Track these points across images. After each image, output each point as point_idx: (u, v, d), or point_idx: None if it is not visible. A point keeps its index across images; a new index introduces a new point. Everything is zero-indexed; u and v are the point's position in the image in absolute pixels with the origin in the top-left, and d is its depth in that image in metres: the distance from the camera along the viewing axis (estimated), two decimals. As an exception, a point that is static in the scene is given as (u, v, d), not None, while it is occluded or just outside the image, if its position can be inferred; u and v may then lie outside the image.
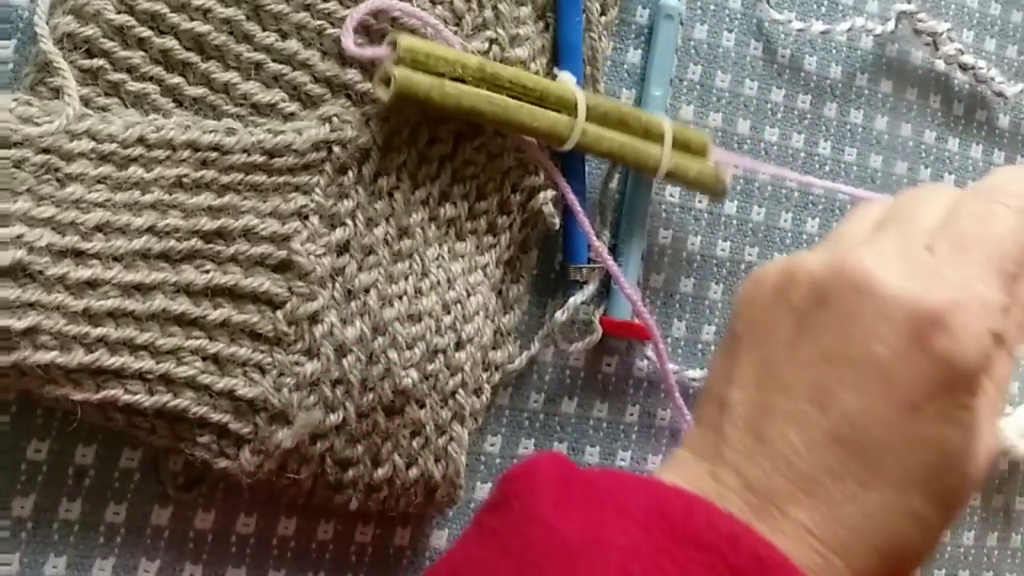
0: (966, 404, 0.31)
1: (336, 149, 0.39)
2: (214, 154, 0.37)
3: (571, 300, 0.45)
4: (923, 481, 0.31)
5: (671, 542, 0.29)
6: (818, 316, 0.33)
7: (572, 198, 0.43)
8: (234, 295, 0.38)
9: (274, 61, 0.39)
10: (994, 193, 0.34)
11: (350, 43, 0.39)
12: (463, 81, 0.39)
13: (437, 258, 0.41)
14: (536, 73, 0.43)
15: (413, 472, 0.40)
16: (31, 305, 0.35)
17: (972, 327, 0.31)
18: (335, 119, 0.39)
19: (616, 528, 0.30)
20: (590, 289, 0.45)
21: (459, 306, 0.41)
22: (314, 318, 0.38)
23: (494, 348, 0.43)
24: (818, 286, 0.33)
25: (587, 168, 0.46)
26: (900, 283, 0.32)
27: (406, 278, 0.40)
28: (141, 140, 0.37)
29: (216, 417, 0.37)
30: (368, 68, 0.40)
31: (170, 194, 0.37)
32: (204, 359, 0.37)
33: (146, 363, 0.36)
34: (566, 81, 0.43)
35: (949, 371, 0.31)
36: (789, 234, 0.51)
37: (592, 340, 0.46)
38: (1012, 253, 0.33)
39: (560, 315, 0.45)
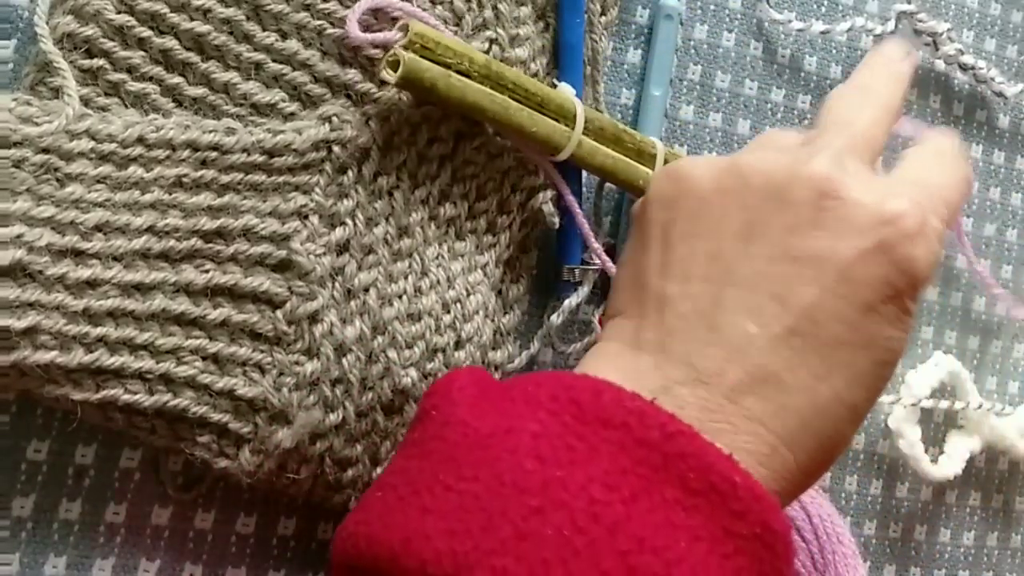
0: (910, 309, 0.33)
1: (336, 149, 0.39)
2: (214, 154, 0.37)
3: (565, 302, 0.45)
4: (869, 378, 0.33)
5: (579, 423, 0.30)
6: (776, 216, 0.33)
7: (571, 199, 0.43)
8: (234, 295, 0.38)
9: (274, 61, 0.39)
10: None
11: (355, 29, 0.38)
12: (468, 76, 0.39)
13: (437, 257, 0.41)
14: (536, 74, 0.43)
15: (413, 472, 0.40)
16: (31, 305, 0.35)
17: (931, 242, 0.33)
18: (335, 119, 0.39)
19: (527, 416, 0.31)
20: (584, 290, 0.45)
21: (459, 305, 0.41)
22: (314, 317, 0.38)
23: (494, 348, 0.43)
24: (776, 188, 0.34)
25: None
26: (865, 190, 0.33)
27: (406, 277, 0.40)
28: (141, 140, 0.37)
29: (216, 417, 0.37)
30: (368, 68, 0.40)
31: (170, 194, 0.37)
32: (204, 359, 0.37)
33: (146, 363, 0.36)
34: (566, 92, 0.43)
35: (908, 276, 0.33)
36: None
37: (590, 340, 0.46)
38: (955, 202, 0.37)
39: (555, 318, 0.45)
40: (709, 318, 0.33)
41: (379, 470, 0.40)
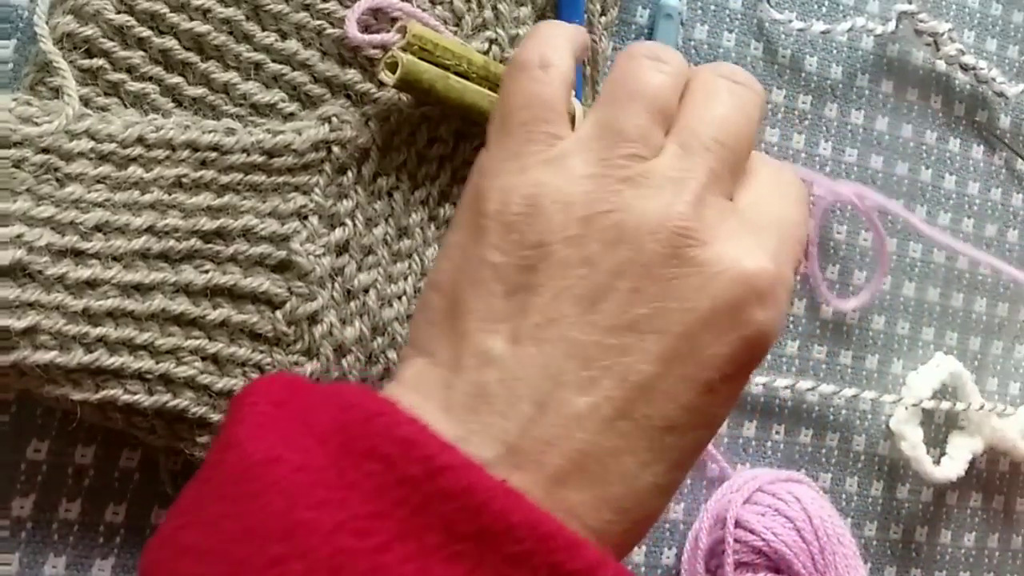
0: (744, 384, 0.31)
1: (335, 149, 0.39)
2: (213, 154, 0.37)
3: None
4: (690, 459, 0.30)
5: (343, 455, 0.27)
6: (623, 276, 0.29)
7: None
8: (233, 295, 0.38)
9: (274, 61, 0.39)
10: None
11: (354, 30, 0.38)
12: (466, 77, 0.39)
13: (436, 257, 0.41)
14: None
15: (412, 472, 0.40)
16: (30, 305, 0.35)
17: (783, 301, 0.30)
18: (334, 119, 0.39)
19: (296, 445, 0.27)
20: None
21: (458, 306, 0.41)
22: (313, 318, 0.38)
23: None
24: (628, 239, 0.29)
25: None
26: (724, 243, 0.30)
27: (405, 278, 0.40)
28: (140, 140, 0.37)
29: (216, 417, 0.37)
30: (368, 68, 0.40)
31: (169, 194, 0.37)
32: (203, 359, 0.37)
33: (145, 363, 0.36)
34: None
35: (754, 351, 0.30)
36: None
37: None
38: (799, 255, 0.33)
39: None
40: (536, 392, 0.28)
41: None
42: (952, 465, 0.53)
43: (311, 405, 0.29)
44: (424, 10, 0.40)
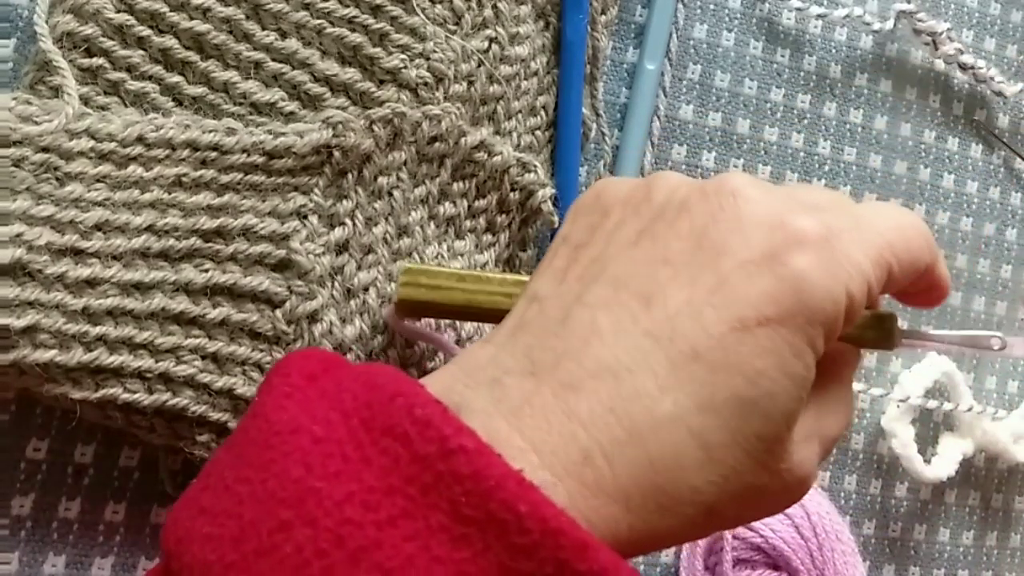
0: (798, 349, 0.28)
1: (336, 154, 0.38)
2: (213, 154, 0.37)
3: None
4: (724, 411, 0.28)
5: (364, 430, 0.27)
6: (670, 224, 0.30)
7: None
8: (233, 294, 0.38)
9: (273, 60, 0.39)
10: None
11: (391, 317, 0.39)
12: (478, 307, 0.37)
13: (436, 257, 0.41)
14: (536, 72, 0.44)
15: (412, 471, 0.40)
16: (30, 304, 0.35)
17: (830, 263, 0.28)
18: (340, 126, 0.38)
19: (320, 417, 0.28)
20: None
21: (458, 305, 0.41)
22: (313, 317, 0.38)
23: (493, 347, 0.43)
24: (679, 200, 0.30)
25: (579, 170, 0.46)
26: (769, 201, 0.29)
27: (405, 277, 0.40)
28: (140, 139, 0.37)
29: (215, 416, 0.37)
30: (367, 68, 0.40)
31: (169, 193, 0.37)
32: (203, 358, 0.37)
33: (145, 362, 0.36)
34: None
35: (792, 299, 0.28)
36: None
37: None
38: (900, 250, 0.31)
39: None
40: (564, 312, 0.29)
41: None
42: (943, 465, 0.53)
43: (342, 380, 0.29)
44: (424, 9, 0.40)
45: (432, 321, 0.40)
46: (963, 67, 0.54)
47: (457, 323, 0.41)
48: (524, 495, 0.25)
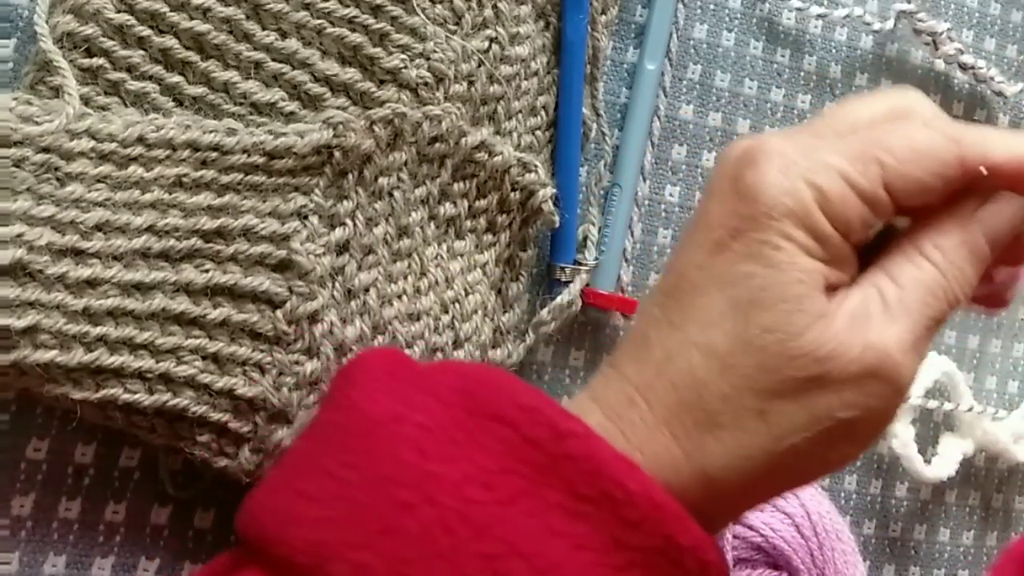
0: (774, 243, 0.30)
1: (337, 154, 0.38)
2: (214, 154, 0.37)
3: (557, 300, 0.45)
4: (729, 319, 0.30)
5: (469, 416, 0.29)
6: (705, 196, 0.33)
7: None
8: (234, 294, 0.37)
9: (273, 60, 0.39)
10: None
11: None
12: None
13: (436, 257, 0.41)
14: (536, 72, 0.44)
15: (412, 471, 0.40)
16: (31, 304, 0.35)
17: (780, 166, 0.30)
18: (340, 126, 0.38)
19: (418, 406, 0.30)
20: (575, 289, 0.45)
21: (457, 305, 0.41)
22: (314, 317, 0.38)
23: (493, 347, 0.43)
24: (714, 173, 0.33)
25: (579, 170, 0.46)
26: (759, 136, 0.32)
27: (405, 278, 0.40)
28: (141, 139, 0.37)
29: (215, 416, 0.37)
30: (367, 67, 0.40)
31: (170, 193, 0.37)
32: (204, 358, 0.37)
33: (146, 362, 0.36)
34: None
35: (750, 204, 0.30)
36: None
37: (572, 311, 0.45)
38: (896, 143, 0.31)
39: (546, 314, 0.45)
40: (643, 302, 0.34)
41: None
42: (943, 465, 0.53)
43: (424, 373, 0.32)
44: (424, 9, 0.40)
45: None
46: (963, 67, 0.54)
47: None
48: (632, 474, 0.28)
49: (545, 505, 0.28)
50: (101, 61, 0.37)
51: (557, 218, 0.45)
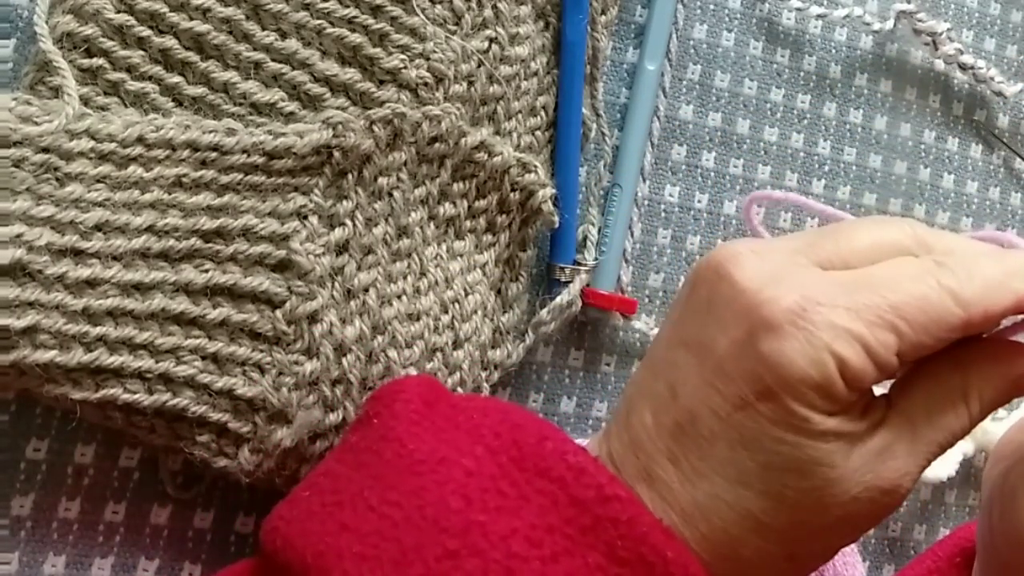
0: (802, 415, 0.30)
1: (336, 154, 0.38)
2: (214, 154, 0.37)
3: (556, 300, 0.45)
4: (760, 482, 0.30)
5: (516, 467, 0.30)
6: (689, 302, 0.32)
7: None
8: (233, 294, 0.38)
9: (273, 60, 0.39)
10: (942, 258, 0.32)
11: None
12: None
13: (435, 257, 0.41)
14: (536, 72, 0.44)
15: (412, 471, 0.40)
16: (30, 304, 0.35)
17: (804, 338, 0.29)
18: (340, 126, 0.38)
19: (465, 449, 0.31)
20: (575, 289, 0.45)
21: (457, 305, 0.41)
22: (313, 317, 0.38)
23: (493, 347, 0.44)
24: (694, 273, 0.33)
25: (579, 170, 0.46)
26: (753, 277, 0.31)
27: (405, 278, 0.40)
28: (140, 139, 0.37)
29: (215, 416, 0.37)
30: (367, 68, 0.40)
31: (169, 193, 0.37)
32: (203, 358, 0.37)
33: (145, 362, 0.36)
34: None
35: (773, 375, 0.29)
36: (788, 233, 0.51)
37: (572, 311, 0.45)
38: (909, 311, 0.31)
39: (546, 314, 0.45)
40: (630, 404, 0.33)
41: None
42: (943, 465, 0.53)
43: (465, 410, 0.32)
44: (424, 10, 0.40)
45: None
46: (963, 67, 0.54)
47: None
48: (669, 543, 0.29)
49: (585, 566, 0.28)
50: (101, 61, 0.37)
51: (557, 218, 0.45)
